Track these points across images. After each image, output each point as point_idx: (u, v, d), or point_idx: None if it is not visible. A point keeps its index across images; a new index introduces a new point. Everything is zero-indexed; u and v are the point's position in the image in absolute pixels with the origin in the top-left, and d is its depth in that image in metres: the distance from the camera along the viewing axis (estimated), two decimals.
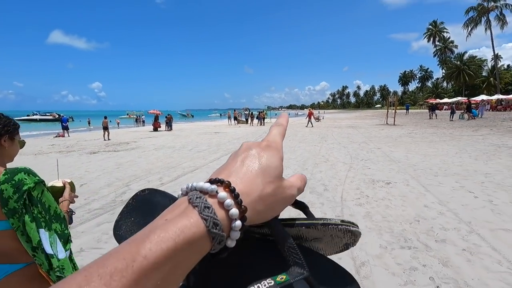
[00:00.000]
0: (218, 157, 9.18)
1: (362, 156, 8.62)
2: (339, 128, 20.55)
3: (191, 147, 12.01)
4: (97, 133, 20.17)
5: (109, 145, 13.43)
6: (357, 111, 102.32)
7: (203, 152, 10.46)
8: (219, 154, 9.89)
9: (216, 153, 10.16)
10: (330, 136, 14.95)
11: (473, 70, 59.56)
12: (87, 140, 16.06)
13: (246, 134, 18.05)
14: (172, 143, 13.45)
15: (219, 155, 9.57)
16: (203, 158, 9.19)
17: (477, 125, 17.55)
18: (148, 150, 11.39)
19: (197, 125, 32.84)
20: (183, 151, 10.84)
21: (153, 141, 14.92)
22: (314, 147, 10.90)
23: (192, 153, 10.18)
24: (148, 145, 13.11)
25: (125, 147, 12.42)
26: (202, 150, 10.87)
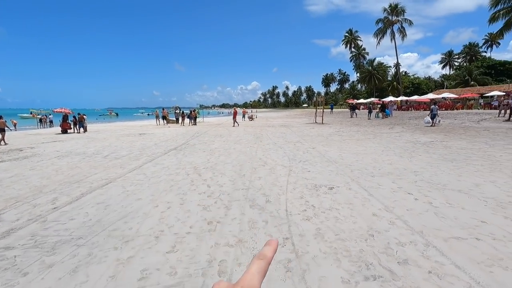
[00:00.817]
0: (140, 165, 7.74)
1: (299, 157, 8.33)
2: (273, 127, 20.62)
3: (108, 152, 10.09)
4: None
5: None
6: (287, 110, 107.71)
7: (122, 158, 8.79)
8: (142, 160, 8.41)
9: (139, 159, 8.63)
10: (265, 136, 14.64)
11: (381, 74, 68.50)
12: None
13: (176, 135, 16.48)
14: (83, 149, 11.17)
15: (141, 162, 8.11)
16: (120, 166, 7.61)
17: (391, 123, 19.66)
18: (48, 158, 9.08)
19: (120, 125, 29.23)
20: (96, 158, 8.94)
21: (58, 146, 12.22)
22: (250, 149, 10.28)
23: (107, 161, 8.43)
24: (50, 152, 10.58)
25: (14, 156, 9.71)
26: (121, 157, 9.16)
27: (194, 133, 17.54)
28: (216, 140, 13.47)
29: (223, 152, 9.73)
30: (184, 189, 5.37)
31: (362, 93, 79.92)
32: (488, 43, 72.24)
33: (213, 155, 9.19)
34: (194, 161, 8.22)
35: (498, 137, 11.01)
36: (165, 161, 8.30)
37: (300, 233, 3.43)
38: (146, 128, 23.58)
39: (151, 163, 8.03)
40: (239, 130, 18.64)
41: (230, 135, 15.48)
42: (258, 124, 25.17)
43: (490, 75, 53.43)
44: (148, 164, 7.83)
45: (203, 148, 10.70)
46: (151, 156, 9.23)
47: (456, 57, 76.91)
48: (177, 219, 3.95)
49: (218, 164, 7.64)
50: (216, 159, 8.37)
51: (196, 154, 9.34)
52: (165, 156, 9.09)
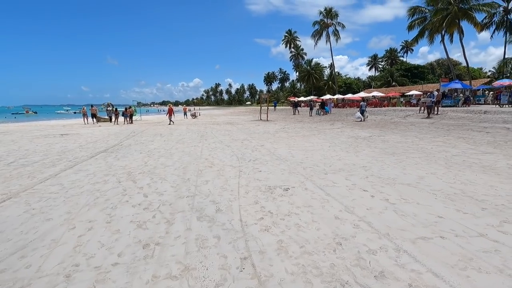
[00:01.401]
0: (56, 173, 6.27)
1: (248, 156, 7.82)
2: (218, 125, 19.83)
3: (13, 158, 8.13)
4: None
5: None
6: (230, 108, 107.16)
7: (34, 165, 7.10)
8: (61, 166, 6.89)
9: (56, 165, 7.07)
10: (210, 134, 13.81)
11: (318, 74, 72.78)
12: None
13: (108, 135, 14.51)
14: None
15: (59, 169, 6.62)
16: (28, 176, 6.05)
17: (331, 120, 20.64)
18: None
19: (38, 125, 24.96)
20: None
21: None
22: (194, 148, 9.40)
23: (11, 169, 6.69)
24: None
25: None
26: (32, 163, 7.42)
27: (130, 132, 15.73)
28: (155, 139, 12.16)
29: (164, 153, 8.67)
30: (114, 202, 4.36)
31: (302, 92, 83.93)
32: (404, 49, 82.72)
33: (152, 156, 8.09)
34: (128, 164, 7.05)
35: (424, 131, 12.20)
36: (91, 166, 6.95)
37: (260, 249, 2.87)
38: (71, 127, 20.50)
39: (72, 169, 6.62)
40: (181, 129, 17.38)
41: (171, 134, 14.22)
42: (202, 122, 24.07)
43: (407, 76, 61.04)
44: (68, 171, 6.41)
45: (140, 149, 9.43)
46: (73, 161, 7.69)
47: (380, 60, 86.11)
48: (100, 245, 3.03)
49: (158, 168, 6.65)
50: (155, 162, 7.33)
51: (131, 157, 8.11)
52: (92, 160, 7.67)
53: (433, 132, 11.71)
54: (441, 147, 8.44)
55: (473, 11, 30.22)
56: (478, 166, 6.02)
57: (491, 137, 9.79)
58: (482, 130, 11.56)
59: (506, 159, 6.57)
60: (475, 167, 5.95)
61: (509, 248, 2.78)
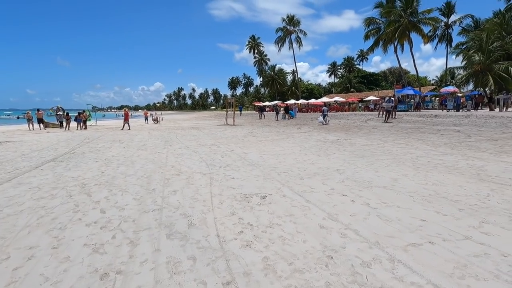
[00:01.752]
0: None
1: (219, 162, 7.38)
2: (183, 130, 18.98)
3: None
4: None
5: None
6: (194, 113, 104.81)
7: None
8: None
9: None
10: (175, 140, 13.05)
11: (282, 80, 74.33)
12: None
13: (57, 141, 13.00)
14: None
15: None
16: None
17: (298, 124, 20.90)
18: None
19: None
20: None
21: None
22: (158, 155, 8.70)
23: None
24: None
25: None
26: None
27: (84, 139, 14.31)
28: (113, 146, 11.13)
29: (124, 160, 7.87)
30: (63, 221, 3.67)
31: (266, 96, 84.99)
32: (360, 57, 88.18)
33: (110, 165, 7.27)
34: (81, 175, 6.21)
35: (386, 134, 12.77)
36: (35, 178, 5.99)
37: (245, 270, 2.50)
38: (13, 134, 18.18)
39: (11, 183, 5.63)
40: (143, 134, 16.28)
41: (132, 140, 13.19)
42: (165, 127, 22.93)
43: (364, 83, 64.94)
44: (4, 185, 5.43)
45: (96, 157, 8.48)
46: (12, 172, 6.60)
47: (339, 68, 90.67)
48: (43, 280, 2.42)
49: (117, 178, 5.93)
50: (114, 171, 6.57)
51: (84, 166, 7.21)
52: (36, 171, 6.65)
53: (394, 135, 12.29)
54: (405, 149, 8.79)
55: (421, 24, 33.07)
56: (442, 167, 6.27)
57: (447, 139, 10.50)
58: (437, 133, 12.41)
59: (464, 160, 6.97)
60: (440, 168, 6.18)
61: (496, 250, 2.74)
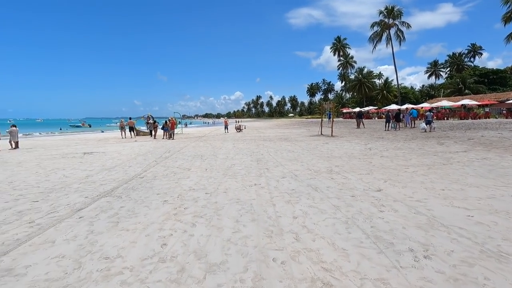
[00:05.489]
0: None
1: (379, 224, 3.51)
2: (271, 142, 15.80)
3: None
4: None
5: None
6: (272, 120, 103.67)
7: None
8: (7, 236, 3.29)
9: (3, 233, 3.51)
10: (267, 157, 9.77)
11: (371, 83, 66.10)
12: None
13: (136, 155, 11.29)
14: None
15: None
16: None
17: (427, 137, 15.37)
18: None
19: (75, 138, 23.43)
20: None
21: None
22: (255, 191, 5.36)
23: None
24: None
25: None
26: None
27: (165, 151, 12.40)
28: (193, 166, 8.45)
29: (205, 204, 4.74)
30: None
31: (350, 102, 77.43)
32: (471, 53, 72.19)
33: (182, 215, 4.19)
34: (124, 250, 3.19)
35: None
36: (53, 249, 3.22)
37: None
38: (105, 142, 18.13)
39: (18, 252, 2.93)
40: (227, 147, 13.66)
41: (215, 156, 10.49)
42: (250, 137, 20.31)
43: (483, 83, 51.80)
44: (10, 256, 2.72)
45: (166, 190, 5.67)
46: (43, 219, 4.10)
47: (441, 67, 76.35)
48: None
49: (192, 263, 2.65)
50: (186, 237, 3.38)
51: (143, 216, 4.30)
52: (71, 223, 3.99)
53: None
54: None
55: None
56: None
57: None
58: None
59: None
60: None
61: None
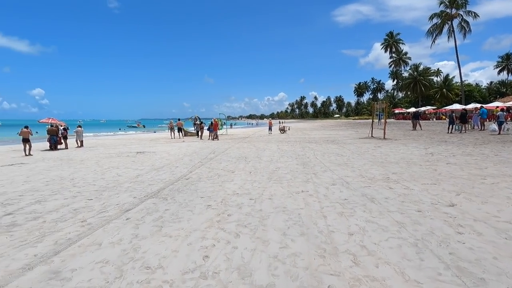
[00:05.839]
0: (27, 264, 2.72)
1: (453, 249, 2.86)
2: (317, 144, 15.12)
3: (27, 202, 5.31)
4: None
5: None
6: (317, 121, 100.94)
7: (29, 223, 3.89)
8: (60, 236, 3.42)
9: (57, 231, 3.68)
10: (314, 160, 9.24)
11: (428, 81, 60.41)
12: None
13: (183, 155, 11.62)
14: (11, 186, 6.54)
15: (42, 250, 3.11)
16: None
17: (502, 141, 13.32)
18: None
19: (130, 138, 25.32)
20: None
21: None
22: (305, 201, 4.95)
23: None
24: None
25: None
26: (45, 213, 4.28)
27: (210, 152, 12.59)
28: (237, 168, 8.33)
29: (249, 211, 4.49)
30: None
31: (403, 102, 71.85)
32: None
33: (224, 222, 3.98)
34: (165, 259, 3.06)
35: None
36: (99, 252, 3.23)
37: None
38: (156, 142, 19.19)
39: (67, 252, 2.99)
40: (271, 149, 13.38)
41: (259, 158, 10.27)
42: (294, 138, 19.78)
43: None
44: (56, 261, 2.79)
45: (211, 193, 5.56)
46: (95, 218, 4.24)
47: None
48: None
49: (235, 281, 2.39)
50: (227, 250, 3.14)
51: (186, 222, 4.19)
52: (119, 224, 4.05)
53: None
54: None
55: None
56: None
57: None
58: None
59: None
60: None
61: None
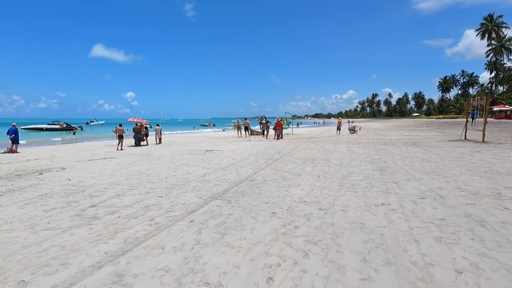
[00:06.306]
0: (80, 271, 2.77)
1: None
2: (394, 146, 13.39)
3: (114, 192, 5.76)
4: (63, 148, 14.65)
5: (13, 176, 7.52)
6: (391, 120, 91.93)
7: (102, 219, 4.13)
8: (116, 242, 3.49)
9: (120, 231, 3.78)
10: (393, 166, 8.02)
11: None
12: (31, 160, 10.40)
13: (249, 154, 11.58)
14: (99, 177, 7.31)
15: (111, 249, 3.17)
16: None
17: None
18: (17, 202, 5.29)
19: (201, 136, 26.93)
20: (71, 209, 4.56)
21: (83, 169, 8.92)
22: (385, 218, 4.13)
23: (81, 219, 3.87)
24: (58, 179, 7.07)
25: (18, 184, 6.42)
26: (121, 208, 4.55)
27: (275, 152, 12.28)
28: (304, 171, 7.76)
29: (319, 225, 3.92)
30: None
31: (504, 98, 59.97)
32: None
33: (291, 236, 3.51)
34: (224, 276, 2.74)
35: None
36: (152, 259, 3.12)
37: None
38: (224, 140, 19.88)
39: (119, 265, 2.97)
40: (341, 150, 12.35)
41: (328, 161, 9.48)
42: (366, 139, 18.07)
43: None
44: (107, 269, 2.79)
45: (275, 197, 5.16)
46: (162, 217, 4.27)
47: None
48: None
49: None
50: (294, 273, 2.66)
51: (248, 231, 3.86)
52: (179, 229, 3.96)
53: None
54: None
55: None
56: None
57: None
58: None
59: None
60: None
61: None
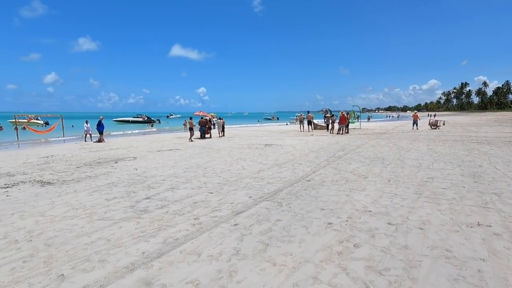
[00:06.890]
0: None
1: None
2: (491, 146, 10.88)
3: (167, 186, 5.90)
4: (143, 138, 16.46)
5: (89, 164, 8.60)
6: (485, 114, 77.56)
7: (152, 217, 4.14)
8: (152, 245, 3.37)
9: (145, 238, 3.68)
10: (491, 172, 6.38)
11: None
12: (113, 149, 11.98)
13: (309, 151, 10.87)
14: (149, 171, 7.68)
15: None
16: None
17: None
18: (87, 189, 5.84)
19: (263, 130, 26.92)
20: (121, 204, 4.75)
21: (150, 159, 9.56)
22: (483, 245, 3.08)
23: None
24: (127, 168, 7.70)
25: (91, 171, 7.27)
26: (171, 202, 4.58)
27: (339, 149, 11.27)
28: (371, 172, 6.76)
29: (386, 241, 3.15)
30: None
31: None
32: None
33: (348, 258, 2.85)
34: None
35: None
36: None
37: None
38: (285, 135, 19.43)
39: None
40: (419, 149, 10.61)
41: (402, 161, 8.16)
42: (453, 137, 15.31)
43: None
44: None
45: (333, 203, 4.48)
46: (202, 220, 4.07)
47: None
48: None
49: None
50: None
51: (297, 246, 3.33)
52: (223, 230, 3.66)
53: None
54: None
55: None
56: None
57: None
58: None
59: None
60: None
61: None
